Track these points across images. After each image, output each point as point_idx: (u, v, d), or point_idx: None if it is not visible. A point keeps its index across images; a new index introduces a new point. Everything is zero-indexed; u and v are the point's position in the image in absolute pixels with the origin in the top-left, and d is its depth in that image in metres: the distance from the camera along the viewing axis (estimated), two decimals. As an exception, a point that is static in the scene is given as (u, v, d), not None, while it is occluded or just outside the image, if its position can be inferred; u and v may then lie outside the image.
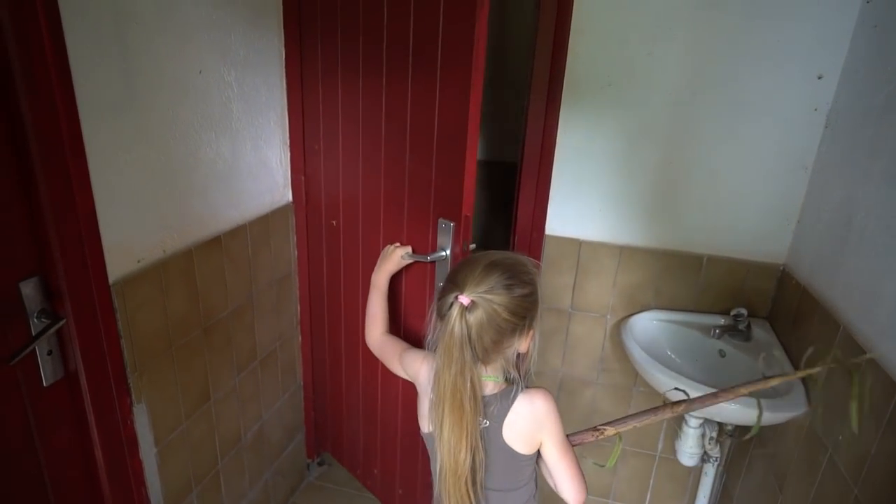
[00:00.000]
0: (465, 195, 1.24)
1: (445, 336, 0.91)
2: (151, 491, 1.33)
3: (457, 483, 0.95)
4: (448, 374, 0.92)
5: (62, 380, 1.10)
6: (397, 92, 1.41)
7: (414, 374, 1.14)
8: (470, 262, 0.95)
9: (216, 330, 1.51)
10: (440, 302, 0.94)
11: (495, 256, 0.95)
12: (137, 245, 1.22)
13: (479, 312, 0.89)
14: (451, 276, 0.96)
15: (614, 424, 1.08)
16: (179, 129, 1.30)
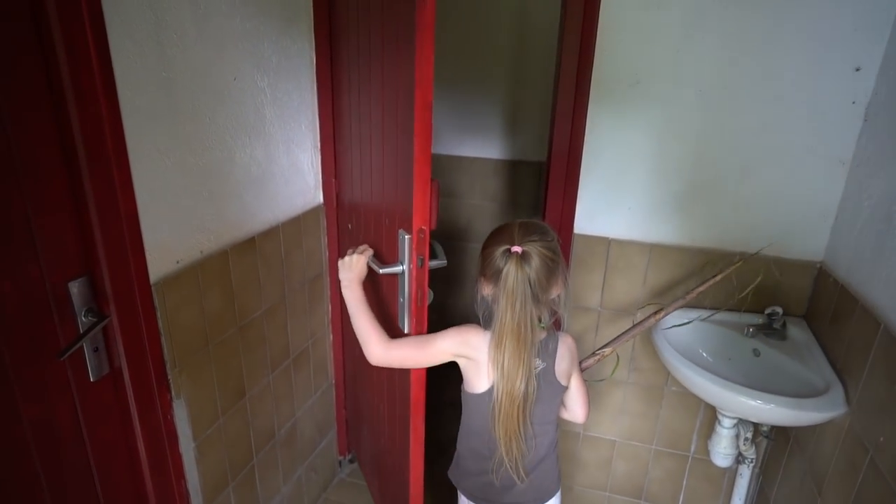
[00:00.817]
0: (415, 204, 1.13)
1: (507, 285, 1.07)
2: (190, 484, 1.38)
3: (511, 406, 1.10)
4: (512, 315, 1.07)
5: (107, 375, 1.15)
6: (370, 91, 1.42)
7: (462, 345, 1.18)
8: (505, 226, 1.14)
9: (251, 328, 1.55)
10: (490, 264, 1.10)
11: (519, 220, 1.14)
12: (176, 246, 1.27)
13: (532, 257, 1.08)
14: (491, 242, 1.13)
15: (609, 345, 1.43)
16: (216, 134, 1.34)
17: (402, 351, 1.23)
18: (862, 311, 1.21)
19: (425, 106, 1.05)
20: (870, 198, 1.26)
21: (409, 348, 1.23)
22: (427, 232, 1.15)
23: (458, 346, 1.18)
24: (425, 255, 1.17)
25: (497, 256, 1.09)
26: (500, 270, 1.08)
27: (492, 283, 1.11)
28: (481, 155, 2.72)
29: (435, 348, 1.20)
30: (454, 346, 1.19)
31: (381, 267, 1.25)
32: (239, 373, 1.53)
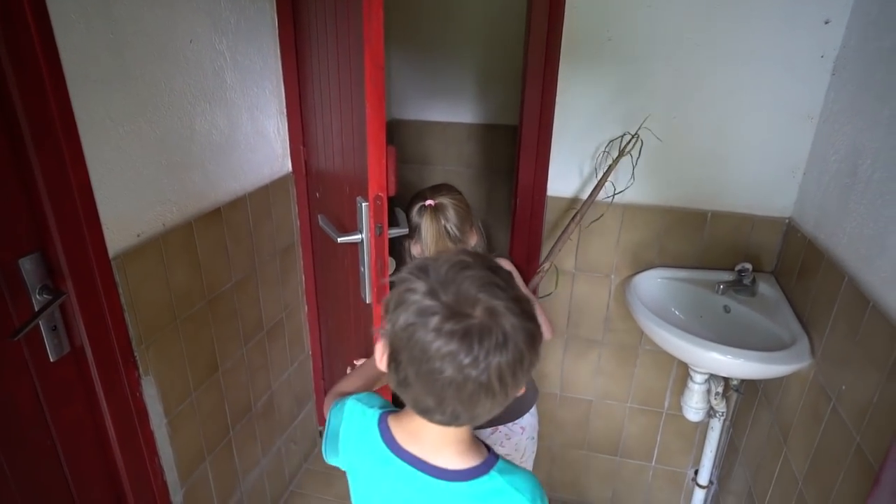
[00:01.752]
0: (370, 169, 1.07)
1: (425, 236, 1.21)
2: (164, 460, 1.36)
3: None
4: None
5: (68, 355, 1.12)
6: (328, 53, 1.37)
7: None
8: (419, 191, 1.30)
9: (220, 302, 1.52)
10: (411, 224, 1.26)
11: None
12: (136, 219, 1.22)
13: (446, 208, 1.23)
14: (409, 205, 1.28)
15: (547, 259, 1.54)
16: (173, 100, 1.28)
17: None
18: (828, 265, 1.23)
19: (376, 66, 1.00)
20: (836, 152, 1.26)
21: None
22: (385, 199, 1.11)
23: None
24: (384, 222, 1.14)
25: (414, 214, 1.24)
26: (418, 225, 1.21)
27: (417, 241, 1.25)
28: (454, 119, 2.67)
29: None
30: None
31: (339, 235, 1.22)
32: (210, 347, 1.50)
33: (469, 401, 0.63)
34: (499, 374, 0.61)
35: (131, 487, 1.27)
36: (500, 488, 0.71)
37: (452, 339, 0.60)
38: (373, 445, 0.78)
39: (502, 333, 0.61)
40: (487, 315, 0.62)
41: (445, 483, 0.72)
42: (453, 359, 0.60)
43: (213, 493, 1.60)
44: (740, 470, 1.60)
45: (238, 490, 1.73)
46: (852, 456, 1.02)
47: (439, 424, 0.69)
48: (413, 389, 0.65)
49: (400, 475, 0.74)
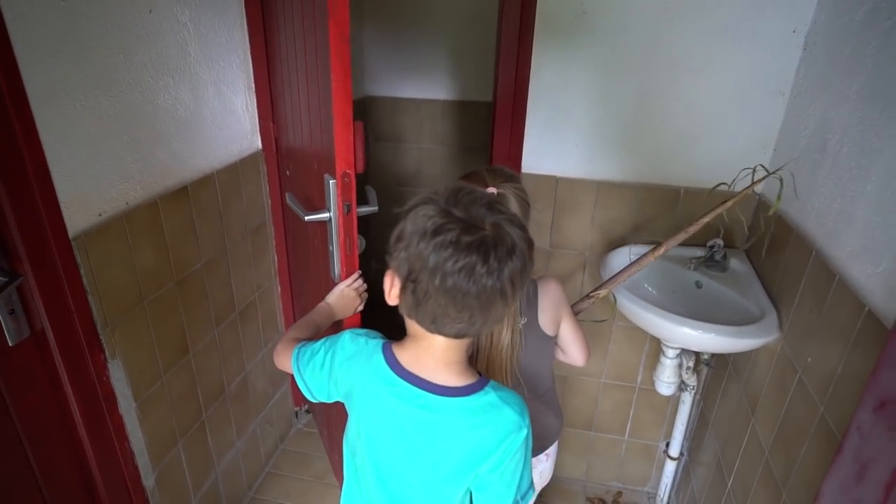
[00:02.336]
0: (337, 146, 1.02)
1: None
2: (135, 444, 1.34)
3: (497, 357, 1.02)
4: None
5: (28, 339, 1.08)
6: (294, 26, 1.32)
7: None
8: (472, 172, 1.03)
9: (190, 283, 1.48)
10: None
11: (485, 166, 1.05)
12: (97, 197, 1.17)
13: (509, 199, 0.96)
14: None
15: (604, 286, 1.33)
16: (132, 74, 1.23)
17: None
18: (796, 240, 1.24)
19: (342, 38, 0.96)
20: (806, 128, 1.28)
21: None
22: (352, 176, 1.08)
23: None
24: (352, 200, 1.10)
25: None
26: None
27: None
28: (428, 96, 2.63)
29: None
30: None
31: (306, 213, 1.19)
32: (180, 329, 1.47)
33: (486, 305, 0.72)
34: (511, 278, 0.71)
35: (101, 473, 1.24)
36: (493, 401, 0.81)
37: (471, 250, 0.69)
38: (377, 370, 0.85)
39: (511, 243, 0.71)
40: (495, 229, 0.71)
41: (448, 399, 0.81)
42: (472, 268, 0.69)
43: (187, 476, 1.58)
44: (710, 441, 1.64)
45: (213, 472, 1.71)
46: (816, 426, 1.05)
47: (453, 336, 0.78)
48: (432, 304, 0.73)
49: (405, 395, 0.82)
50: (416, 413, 0.82)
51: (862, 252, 0.99)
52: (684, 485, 1.83)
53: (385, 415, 0.85)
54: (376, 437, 0.87)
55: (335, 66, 0.97)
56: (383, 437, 0.86)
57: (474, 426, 0.81)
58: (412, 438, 0.83)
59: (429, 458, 0.84)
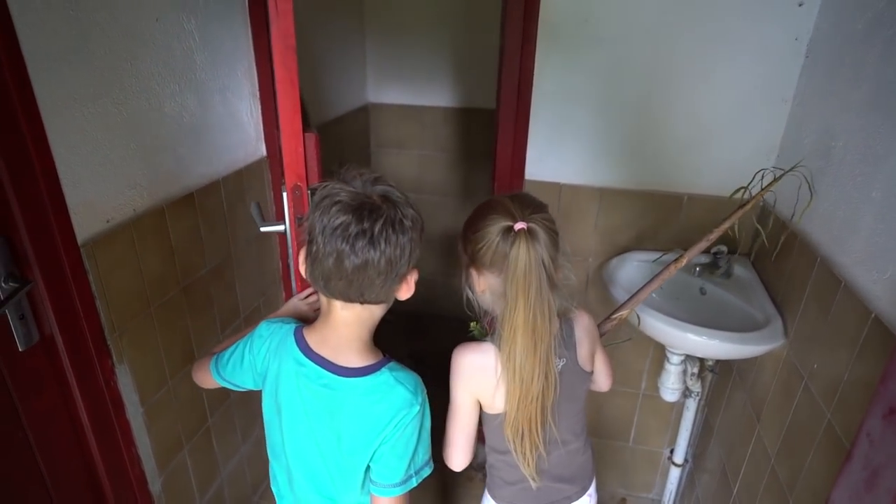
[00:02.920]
0: (286, 157, 1.02)
1: (517, 270, 0.89)
2: (142, 449, 1.34)
3: (527, 407, 0.97)
4: (525, 306, 0.90)
5: (38, 344, 1.08)
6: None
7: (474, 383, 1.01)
8: (493, 202, 0.96)
9: (195, 289, 1.49)
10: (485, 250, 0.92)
11: (507, 194, 0.98)
12: (105, 204, 1.18)
13: (539, 233, 0.91)
14: (480, 222, 0.94)
15: (626, 305, 1.27)
16: (139, 81, 1.24)
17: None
18: (801, 247, 1.25)
19: (287, 46, 0.95)
20: (809, 135, 1.28)
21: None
22: (304, 188, 1.06)
23: (474, 388, 1.01)
24: (304, 213, 1.08)
25: (495, 238, 0.90)
26: (504, 255, 0.89)
27: (492, 272, 0.93)
28: (431, 103, 2.65)
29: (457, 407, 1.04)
30: (472, 393, 1.02)
31: (263, 224, 1.19)
32: (186, 334, 1.48)
33: (361, 268, 0.80)
34: (388, 246, 0.80)
35: (108, 477, 1.25)
36: (388, 380, 0.90)
37: (349, 210, 0.79)
38: (289, 352, 0.93)
39: (396, 216, 0.81)
40: (382, 199, 0.81)
41: (348, 379, 0.90)
42: (347, 227, 0.78)
43: (193, 481, 1.58)
44: (715, 448, 1.64)
45: (219, 477, 1.71)
46: (823, 433, 1.05)
47: (342, 299, 0.86)
48: (321, 264, 0.81)
49: (311, 375, 0.91)
50: (320, 391, 0.91)
51: (867, 258, 1.00)
52: (689, 492, 1.83)
53: (295, 392, 0.93)
54: (288, 412, 0.95)
55: (280, 77, 0.96)
56: (295, 412, 0.94)
57: (370, 404, 0.90)
58: (318, 414, 0.92)
59: (333, 433, 0.92)
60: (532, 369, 0.94)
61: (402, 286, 0.88)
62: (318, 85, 2.18)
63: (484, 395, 1.02)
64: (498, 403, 1.00)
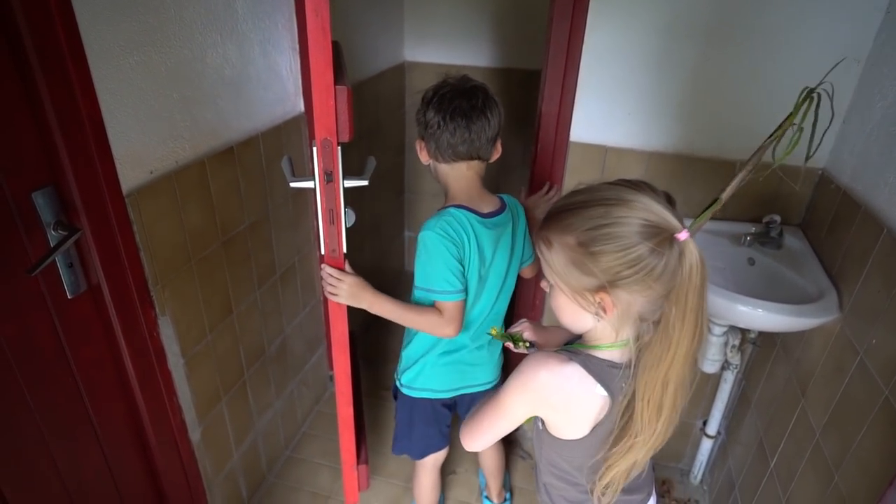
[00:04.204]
0: (316, 110, 0.97)
1: (685, 289, 0.71)
2: (182, 399, 1.37)
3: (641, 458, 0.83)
4: (694, 330, 0.74)
5: (86, 292, 1.10)
6: None
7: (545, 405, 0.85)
8: (633, 201, 0.73)
9: (234, 243, 1.49)
10: (639, 265, 0.71)
11: (645, 191, 0.77)
12: (149, 155, 1.18)
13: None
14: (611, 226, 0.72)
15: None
16: (183, 30, 1.21)
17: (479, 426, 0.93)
18: (864, 217, 1.19)
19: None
20: (884, 98, 1.20)
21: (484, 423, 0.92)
22: (333, 143, 1.01)
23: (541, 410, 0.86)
24: (334, 168, 1.03)
25: (650, 252, 0.70)
26: (671, 270, 0.71)
27: (637, 290, 0.73)
28: (469, 63, 2.57)
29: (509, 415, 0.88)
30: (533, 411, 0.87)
31: (293, 179, 1.16)
32: (225, 289, 1.49)
33: (479, 130, 1.16)
34: (491, 113, 1.17)
35: (152, 425, 1.28)
36: (512, 207, 1.31)
37: (461, 95, 1.16)
38: (473, 224, 1.20)
39: (486, 94, 1.18)
40: (477, 87, 1.19)
41: (500, 216, 1.26)
42: (463, 105, 1.15)
43: (230, 433, 1.62)
44: (751, 421, 1.61)
45: (253, 430, 1.75)
46: (879, 409, 1.01)
47: (468, 158, 1.20)
48: (449, 137, 1.16)
49: (489, 224, 1.23)
50: (496, 231, 1.24)
51: (942, 230, 0.94)
52: (720, 463, 1.81)
53: (489, 241, 1.23)
54: (492, 256, 1.24)
55: (311, 24, 0.91)
56: (496, 253, 1.25)
57: (516, 224, 1.29)
58: (502, 244, 1.26)
59: (509, 250, 1.28)
60: (670, 416, 0.79)
61: (496, 148, 1.23)
62: (354, 42, 2.12)
63: (551, 420, 0.86)
64: (568, 433, 0.85)
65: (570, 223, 0.75)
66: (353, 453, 1.37)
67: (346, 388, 1.27)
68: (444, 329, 1.22)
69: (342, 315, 1.21)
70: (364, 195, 1.42)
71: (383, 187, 2.63)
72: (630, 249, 0.71)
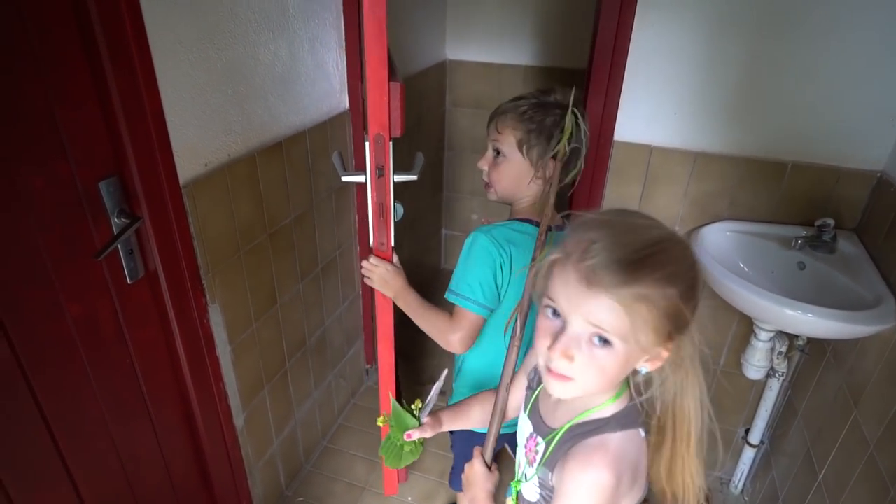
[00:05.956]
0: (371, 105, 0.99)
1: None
2: (228, 385, 1.41)
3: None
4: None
5: (143, 278, 1.15)
6: None
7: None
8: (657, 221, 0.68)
9: (280, 236, 1.53)
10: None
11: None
12: (204, 148, 1.22)
13: None
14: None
15: None
16: (238, 27, 1.25)
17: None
18: (926, 222, 1.14)
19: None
20: (949, 99, 1.15)
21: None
22: (386, 138, 1.03)
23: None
24: (385, 163, 1.06)
25: None
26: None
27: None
28: (510, 61, 2.57)
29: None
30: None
31: (344, 173, 1.18)
32: (270, 280, 1.53)
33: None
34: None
35: (200, 408, 1.32)
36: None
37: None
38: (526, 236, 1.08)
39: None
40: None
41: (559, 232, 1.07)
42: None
43: (271, 420, 1.66)
44: (798, 431, 1.56)
45: (293, 419, 1.79)
46: (939, 421, 0.97)
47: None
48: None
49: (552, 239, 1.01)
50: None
51: None
52: (762, 473, 1.77)
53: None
54: None
55: (368, 22, 0.93)
56: None
57: None
58: None
59: None
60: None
61: None
62: (399, 40, 2.15)
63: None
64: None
65: (672, 272, 0.62)
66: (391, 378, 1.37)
67: (390, 380, 1.29)
68: (449, 335, 1.11)
69: (388, 307, 1.23)
70: (404, 191, 1.44)
71: (422, 184, 2.65)
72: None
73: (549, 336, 0.67)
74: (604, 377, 0.67)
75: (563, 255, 0.66)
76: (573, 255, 0.64)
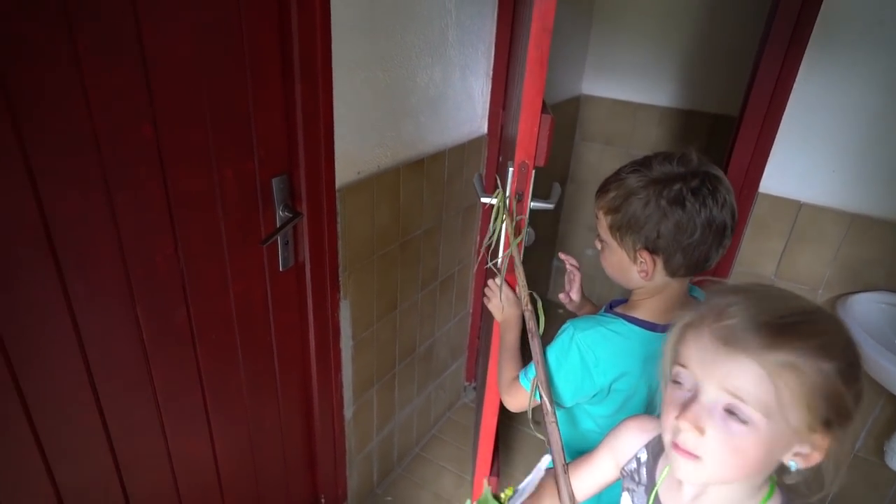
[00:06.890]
0: (521, 133, 1.00)
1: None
2: (345, 377, 1.52)
3: None
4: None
5: (292, 268, 1.27)
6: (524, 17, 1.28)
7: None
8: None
9: (409, 246, 1.62)
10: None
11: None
12: (359, 158, 1.34)
13: None
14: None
15: None
16: (402, 52, 1.37)
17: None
18: None
19: (543, 28, 0.95)
20: None
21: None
22: (530, 167, 1.06)
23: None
24: (525, 190, 1.09)
25: None
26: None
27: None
28: (647, 101, 2.53)
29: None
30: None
31: (484, 196, 1.23)
32: (394, 286, 1.62)
33: (719, 233, 0.84)
34: (731, 206, 0.85)
35: (318, 393, 1.43)
36: None
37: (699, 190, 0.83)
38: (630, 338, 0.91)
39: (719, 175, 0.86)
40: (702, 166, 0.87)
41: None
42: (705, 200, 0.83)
43: (374, 418, 1.75)
44: (943, 540, 1.38)
45: (393, 420, 1.87)
46: None
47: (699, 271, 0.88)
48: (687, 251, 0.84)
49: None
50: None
51: None
52: (892, 580, 1.57)
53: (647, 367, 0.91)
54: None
55: (532, 55, 0.97)
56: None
57: None
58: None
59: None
60: None
61: None
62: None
63: None
64: None
65: (827, 343, 0.55)
66: (488, 462, 1.41)
67: (494, 399, 1.32)
68: (504, 393, 1.07)
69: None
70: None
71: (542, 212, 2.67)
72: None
73: (677, 406, 0.59)
74: (740, 461, 0.57)
75: (697, 318, 0.60)
76: (708, 318, 0.58)
